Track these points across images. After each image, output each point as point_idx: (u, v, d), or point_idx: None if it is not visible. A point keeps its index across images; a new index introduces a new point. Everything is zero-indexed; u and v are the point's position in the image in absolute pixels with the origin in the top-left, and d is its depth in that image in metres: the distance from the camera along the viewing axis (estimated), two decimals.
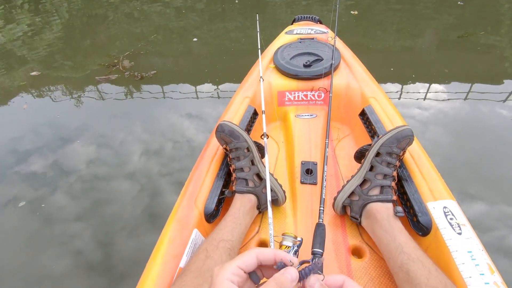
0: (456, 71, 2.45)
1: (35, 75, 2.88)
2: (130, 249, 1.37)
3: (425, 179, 0.79)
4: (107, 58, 3.01)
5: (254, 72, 1.29)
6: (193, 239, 0.73)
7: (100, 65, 2.90)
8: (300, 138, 1.10)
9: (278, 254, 0.34)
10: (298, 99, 1.22)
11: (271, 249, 0.34)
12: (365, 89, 1.14)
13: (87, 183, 1.72)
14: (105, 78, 2.67)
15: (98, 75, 2.73)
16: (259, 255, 0.34)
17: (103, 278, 1.28)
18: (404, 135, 0.78)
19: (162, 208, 1.54)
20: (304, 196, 0.92)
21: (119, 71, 2.76)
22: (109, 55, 3.06)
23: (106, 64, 2.87)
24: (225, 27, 3.60)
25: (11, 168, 1.87)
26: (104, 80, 2.65)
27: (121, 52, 3.09)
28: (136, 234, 1.43)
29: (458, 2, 3.69)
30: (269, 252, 0.34)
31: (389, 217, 0.73)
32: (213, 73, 2.71)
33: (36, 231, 1.49)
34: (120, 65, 2.83)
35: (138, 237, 1.42)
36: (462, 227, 0.67)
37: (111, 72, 2.74)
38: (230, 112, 1.09)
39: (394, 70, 2.55)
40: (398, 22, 3.37)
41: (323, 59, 1.25)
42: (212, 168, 0.89)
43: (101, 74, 2.73)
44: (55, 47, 3.39)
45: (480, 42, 2.79)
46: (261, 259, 0.34)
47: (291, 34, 1.54)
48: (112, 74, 2.71)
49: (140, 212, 1.53)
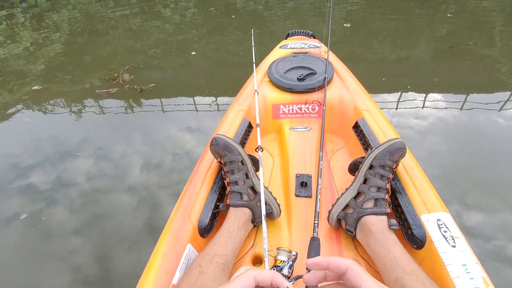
0: (451, 81, 2.49)
1: (36, 90, 2.92)
2: (129, 264, 1.35)
3: (418, 191, 0.79)
4: (107, 72, 3.06)
5: (249, 85, 1.31)
6: (186, 254, 0.73)
7: (101, 79, 2.95)
8: (294, 151, 1.10)
9: (275, 279, 0.34)
10: (292, 112, 1.24)
11: (269, 272, 0.35)
12: (358, 102, 1.15)
13: (87, 196, 1.72)
14: (106, 91, 2.72)
15: (99, 89, 2.78)
16: (257, 277, 0.34)
17: None
18: (397, 147, 0.78)
19: (162, 221, 1.53)
20: (299, 209, 0.92)
21: (119, 84, 2.81)
22: (109, 69, 3.11)
23: (106, 78, 2.93)
24: (223, 41, 3.66)
25: (12, 182, 1.87)
26: (104, 93, 2.70)
27: (121, 66, 3.14)
28: (135, 248, 1.41)
29: (447, 14, 3.78)
30: (267, 275, 0.34)
31: (383, 230, 0.73)
32: (211, 86, 2.74)
33: (35, 245, 1.48)
34: (120, 78, 2.88)
35: (137, 251, 1.40)
36: (456, 240, 0.67)
37: (112, 85, 2.80)
38: (225, 125, 1.10)
39: (390, 80, 2.59)
40: (392, 33, 3.43)
41: (316, 73, 1.27)
42: (206, 182, 0.89)
43: (102, 88, 2.78)
44: (55, 62, 3.44)
45: (468, 51, 2.86)
46: (258, 281, 0.34)
47: (285, 48, 1.56)
48: (112, 88, 2.76)
49: (140, 225, 1.52)
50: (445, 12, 3.79)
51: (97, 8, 5.30)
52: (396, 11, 4.01)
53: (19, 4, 5.70)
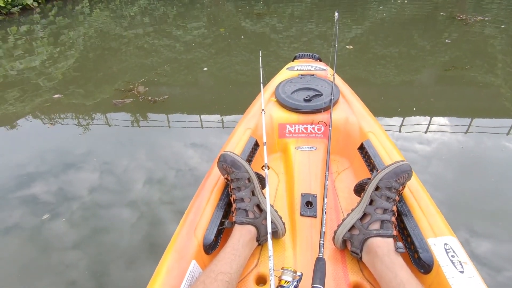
0: (454, 106, 2.52)
1: (57, 98, 3.09)
2: (127, 281, 1.33)
3: (424, 214, 0.79)
4: (123, 84, 3.25)
5: (256, 104, 1.33)
6: (191, 271, 0.72)
7: (117, 90, 3.13)
8: (300, 170, 1.11)
9: None
10: (298, 131, 1.26)
11: None
12: (363, 124, 1.17)
13: (88, 210, 1.72)
14: (122, 101, 2.89)
15: (115, 99, 2.95)
16: None
17: None
18: (403, 170, 0.79)
19: (162, 238, 1.52)
20: (304, 228, 0.92)
21: (134, 95, 3.00)
22: (125, 81, 3.30)
23: (122, 89, 3.12)
24: (230, 60, 3.75)
25: (14, 192, 1.88)
26: (120, 103, 2.87)
27: (132, 81, 3.27)
28: (134, 265, 1.39)
29: (446, 40, 3.88)
30: None
31: (390, 253, 0.72)
32: (218, 104, 2.79)
33: (32, 258, 1.47)
34: (135, 90, 3.08)
35: (136, 268, 1.38)
36: (464, 265, 0.66)
37: (127, 96, 2.99)
38: (232, 143, 1.12)
39: (393, 103, 2.62)
40: (396, 58, 3.51)
41: (322, 94, 1.30)
42: (212, 198, 0.90)
43: (118, 98, 2.96)
44: (69, 76, 3.55)
45: (465, 76, 2.93)
46: None
47: (292, 70, 1.61)
48: (128, 98, 2.95)
49: (139, 241, 1.50)
50: (445, 41, 3.89)
51: (111, 27, 5.51)
52: (399, 38, 4.12)
53: (39, 21, 5.94)
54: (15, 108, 2.95)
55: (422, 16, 5.06)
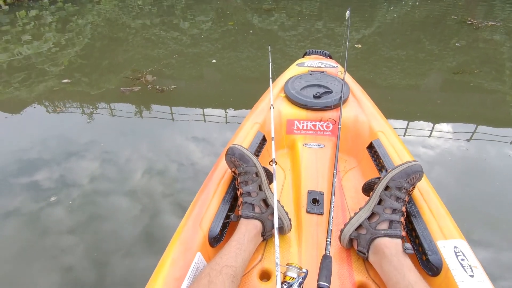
0: (460, 112, 2.50)
1: (66, 83, 3.12)
2: (124, 270, 1.33)
3: (434, 216, 0.78)
4: (131, 72, 3.26)
5: (265, 99, 1.32)
6: (195, 263, 0.71)
7: (125, 77, 3.15)
8: (307, 167, 1.10)
9: None
10: (306, 128, 1.24)
11: None
12: (373, 123, 1.16)
13: (89, 197, 1.71)
14: (129, 89, 2.92)
15: (123, 87, 2.97)
16: None
17: None
18: (414, 170, 0.78)
19: (161, 229, 1.51)
20: (309, 226, 0.91)
21: (142, 84, 3.03)
22: (133, 70, 3.32)
23: (130, 77, 3.15)
24: (237, 56, 3.73)
25: (16, 177, 1.87)
26: (128, 91, 2.89)
27: (140, 70, 3.29)
28: (132, 254, 1.39)
29: (456, 43, 3.85)
30: None
31: (398, 254, 0.71)
32: (222, 98, 2.78)
33: (30, 242, 1.47)
34: (143, 78, 3.10)
35: (133, 258, 1.38)
36: (474, 269, 0.65)
37: (135, 84, 3.01)
38: (240, 137, 1.10)
39: (399, 106, 2.60)
40: (403, 61, 3.48)
41: (332, 92, 1.29)
42: (219, 191, 0.89)
43: (126, 86, 2.99)
44: (75, 64, 3.54)
45: (472, 81, 2.91)
46: None
47: (302, 66, 1.59)
48: (135, 86, 2.98)
49: (138, 232, 1.50)
50: (455, 44, 3.86)
51: (119, 16, 5.48)
52: (407, 40, 4.08)
53: (48, 7, 5.93)
54: (20, 92, 2.94)
55: (432, 19, 5.01)
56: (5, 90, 3.00)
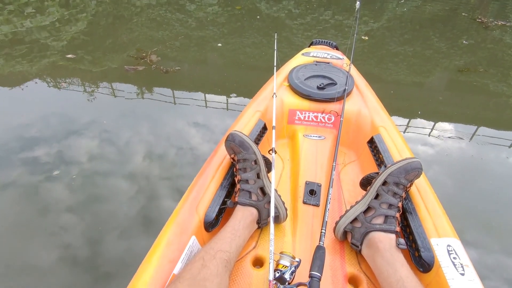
0: (462, 113, 2.48)
1: (70, 57, 3.10)
2: (119, 250, 1.34)
3: (430, 214, 0.78)
4: (135, 51, 3.25)
5: (268, 87, 1.31)
6: (190, 246, 0.72)
7: (130, 56, 3.14)
8: (306, 158, 1.09)
9: None
10: (308, 119, 1.23)
11: None
12: (375, 118, 1.15)
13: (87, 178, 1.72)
14: (134, 68, 2.91)
15: (127, 65, 2.96)
16: None
17: (87, 276, 1.25)
18: (413, 167, 0.78)
19: (157, 212, 1.53)
20: (305, 216, 0.91)
21: (146, 63, 3.01)
22: (138, 49, 3.30)
23: (135, 56, 3.13)
24: (241, 42, 3.68)
25: (16, 153, 1.87)
26: (132, 69, 2.89)
27: (145, 49, 3.27)
28: (127, 235, 1.41)
29: (463, 41, 3.79)
30: None
31: (391, 248, 0.72)
32: (225, 85, 2.75)
33: (28, 218, 1.48)
34: (148, 58, 3.09)
35: (129, 238, 1.40)
36: (465, 268, 0.66)
37: (139, 63, 3.00)
38: (241, 123, 1.10)
39: (401, 103, 2.58)
40: (409, 57, 3.44)
41: (336, 84, 1.27)
42: (217, 177, 0.89)
43: (130, 65, 2.98)
44: (78, 41, 3.49)
45: (476, 82, 2.88)
46: None
47: (307, 56, 1.57)
48: (140, 66, 2.97)
49: (135, 213, 1.51)
50: (463, 42, 3.80)
51: None
52: (415, 37, 4.02)
53: None
54: (22, 66, 2.91)
55: (442, 15, 4.91)
56: (7, 63, 2.96)
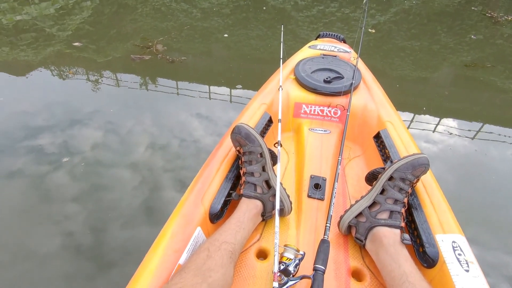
0: (467, 110, 2.46)
1: (77, 46, 3.12)
2: (122, 239, 1.36)
3: (435, 210, 0.78)
4: (141, 41, 3.26)
5: (274, 80, 1.30)
6: (195, 237, 0.72)
7: (136, 45, 3.15)
8: (311, 152, 1.09)
9: None
10: (314, 113, 1.23)
11: None
12: (382, 112, 1.14)
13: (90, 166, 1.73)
14: (140, 57, 2.93)
15: (133, 54, 2.98)
16: None
17: (91, 263, 1.27)
18: (421, 163, 0.77)
19: (160, 202, 1.54)
20: (309, 210, 0.91)
21: (152, 53, 3.03)
22: (143, 38, 3.31)
23: (141, 45, 3.14)
24: (246, 34, 3.64)
25: (20, 141, 1.89)
26: (138, 58, 2.91)
27: (146, 41, 3.25)
28: (130, 225, 1.42)
29: (471, 36, 3.74)
30: None
31: (395, 243, 0.72)
32: (228, 77, 2.74)
33: (32, 206, 1.50)
34: (154, 48, 3.11)
35: (132, 228, 1.41)
36: (470, 265, 0.66)
37: (145, 53, 3.01)
38: (246, 116, 1.09)
39: (406, 99, 2.56)
40: (416, 52, 3.39)
41: (343, 77, 1.26)
42: (222, 169, 0.89)
43: (136, 54, 2.99)
44: (83, 30, 3.48)
45: (483, 78, 2.84)
46: None
47: (314, 48, 1.55)
48: (146, 55, 2.98)
49: (138, 203, 1.52)
50: (471, 38, 3.74)
51: None
52: (423, 31, 3.96)
53: None
54: (26, 54, 2.91)
55: (452, 9, 4.82)
56: (12, 52, 2.96)
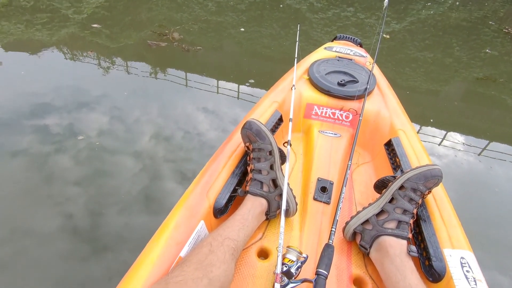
0: (476, 126, 2.43)
1: (96, 27, 3.18)
2: (118, 225, 1.36)
3: (445, 224, 0.76)
4: (158, 28, 3.33)
5: (287, 79, 1.28)
6: (198, 230, 0.71)
7: (153, 32, 3.22)
8: (320, 154, 1.07)
9: None
10: (325, 115, 1.21)
11: None
12: (395, 120, 1.12)
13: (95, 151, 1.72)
14: (156, 43, 2.99)
15: (150, 40, 3.04)
16: None
17: (86, 246, 1.28)
18: (434, 174, 0.75)
19: (159, 192, 1.53)
20: (314, 213, 0.90)
21: (169, 40, 3.09)
22: (161, 25, 3.38)
23: (158, 32, 3.21)
24: (259, 32, 3.62)
25: (27, 119, 1.89)
26: (155, 45, 2.96)
27: (163, 28, 3.29)
28: (128, 211, 1.42)
29: (486, 50, 3.69)
30: None
31: (401, 254, 0.70)
32: (238, 73, 2.73)
33: (34, 185, 1.50)
34: (170, 35, 3.18)
35: (129, 215, 1.41)
36: (478, 283, 0.64)
37: (162, 40, 3.07)
38: (257, 113, 1.08)
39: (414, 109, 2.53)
40: (428, 64, 3.35)
41: (358, 82, 1.24)
42: (229, 164, 0.87)
43: (153, 40, 3.05)
44: (98, 14, 3.49)
45: (494, 97, 2.81)
46: None
47: (330, 50, 1.53)
48: (162, 41, 3.04)
49: (137, 191, 1.52)
50: (486, 53, 3.69)
51: None
52: (436, 43, 3.92)
53: None
54: (41, 34, 2.91)
55: (468, 23, 4.77)
56: (27, 30, 2.97)
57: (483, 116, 2.62)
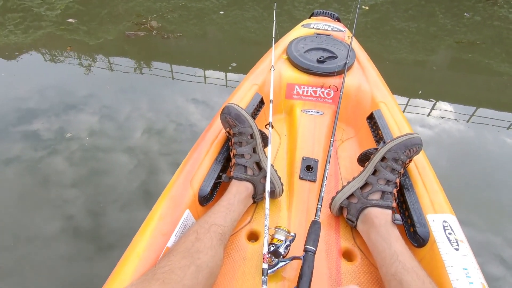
0: (463, 93, 2.44)
1: (71, 22, 3.10)
2: (120, 222, 1.36)
3: (427, 190, 0.77)
4: (136, 17, 3.25)
5: (266, 60, 1.26)
6: (184, 220, 0.71)
7: (130, 22, 3.15)
8: (303, 134, 1.07)
9: None
10: (306, 94, 1.20)
11: None
12: (376, 93, 1.11)
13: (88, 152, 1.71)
14: (135, 33, 2.93)
15: (128, 31, 2.97)
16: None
17: (90, 245, 1.28)
18: (414, 143, 0.76)
19: (156, 186, 1.53)
20: (301, 192, 0.90)
21: (147, 29, 3.03)
22: (138, 15, 3.29)
23: (135, 22, 3.15)
24: (242, 15, 3.55)
25: (13, 126, 1.85)
26: (133, 35, 2.91)
27: (140, 18, 3.22)
28: (128, 208, 1.42)
29: (464, 14, 3.67)
30: None
31: (386, 224, 0.71)
32: (224, 60, 2.68)
33: (31, 190, 1.49)
34: (148, 24, 3.12)
35: (130, 211, 1.41)
36: (460, 243, 0.65)
37: (140, 29, 3.02)
38: (237, 97, 1.07)
39: (402, 83, 2.53)
40: (413, 34, 3.33)
41: (337, 57, 1.23)
42: (212, 151, 0.87)
43: (131, 30, 2.99)
44: (73, 9, 3.37)
45: (480, 62, 2.82)
46: None
47: (307, 27, 1.50)
48: (141, 31, 2.98)
49: (135, 187, 1.51)
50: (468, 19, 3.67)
51: None
52: (420, 12, 3.88)
53: None
54: (17, 37, 2.81)
55: None
56: (0, 32, 2.86)
57: (470, 83, 2.63)
